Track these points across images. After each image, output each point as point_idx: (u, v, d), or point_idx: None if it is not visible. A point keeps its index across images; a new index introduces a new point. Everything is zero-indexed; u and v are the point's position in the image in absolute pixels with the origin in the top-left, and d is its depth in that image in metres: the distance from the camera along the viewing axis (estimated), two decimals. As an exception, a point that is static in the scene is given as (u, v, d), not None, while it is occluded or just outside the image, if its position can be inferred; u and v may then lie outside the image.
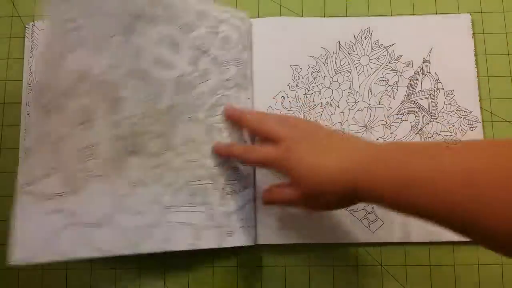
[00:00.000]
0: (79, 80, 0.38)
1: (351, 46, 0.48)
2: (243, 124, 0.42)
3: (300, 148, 0.35)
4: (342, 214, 0.44)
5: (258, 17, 0.49)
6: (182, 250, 0.42)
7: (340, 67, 0.47)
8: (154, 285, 0.44)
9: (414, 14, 0.49)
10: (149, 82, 0.41)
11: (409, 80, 0.47)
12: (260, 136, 0.40)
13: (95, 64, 0.39)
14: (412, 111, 0.46)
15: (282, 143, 0.36)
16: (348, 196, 0.33)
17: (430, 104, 0.46)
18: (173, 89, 0.42)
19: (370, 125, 0.46)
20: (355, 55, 0.47)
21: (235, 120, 0.43)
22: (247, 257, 0.45)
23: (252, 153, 0.39)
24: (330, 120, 0.46)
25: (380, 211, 0.44)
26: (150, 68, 0.41)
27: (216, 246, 0.42)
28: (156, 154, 0.40)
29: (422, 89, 0.46)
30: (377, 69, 0.47)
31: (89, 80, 0.38)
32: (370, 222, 0.44)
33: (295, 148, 0.35)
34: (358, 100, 0.47)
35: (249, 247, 0.45)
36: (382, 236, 0.44)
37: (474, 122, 0.46)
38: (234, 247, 0.44)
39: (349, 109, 0.46)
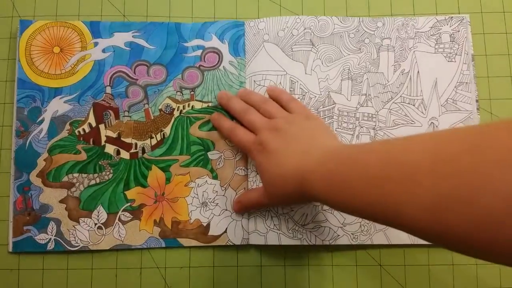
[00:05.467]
0: None
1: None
2: (229, 110, 0.45)
3: (272, 148, 0.38)
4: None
5: (258, 17, 0.49)
6: (182, 250, 0.43)
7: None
8: (155, 285, 0.45)
9: (414, 14, 0.49)
10: None
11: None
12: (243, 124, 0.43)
13: None
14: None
15: (259, 135, 0.40)
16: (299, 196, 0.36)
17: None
18: None
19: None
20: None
21: (223, 105, 0.46)
22: (247, 257, 0.45)
23: (235, 135, 0.42)
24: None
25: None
26: None
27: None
28: None
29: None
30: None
31: None
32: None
33: (269, 146, 0.38)
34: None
35: (249, 247, 0.45)
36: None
37: (471, 123, 0.46)
38: (233, 246, 0.44)
39: (348, 109, 0.47)
